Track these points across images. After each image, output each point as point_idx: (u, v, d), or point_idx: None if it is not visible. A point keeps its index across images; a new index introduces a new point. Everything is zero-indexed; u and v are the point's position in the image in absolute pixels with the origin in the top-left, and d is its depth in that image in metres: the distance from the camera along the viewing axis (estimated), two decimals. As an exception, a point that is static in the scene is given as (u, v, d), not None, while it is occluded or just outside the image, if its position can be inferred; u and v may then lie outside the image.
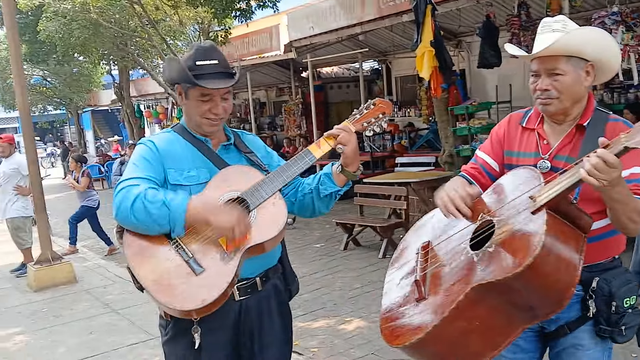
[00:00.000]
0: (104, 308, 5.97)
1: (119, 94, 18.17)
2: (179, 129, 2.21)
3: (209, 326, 2.04)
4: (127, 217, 1.92)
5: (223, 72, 2.09)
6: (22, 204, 7.50)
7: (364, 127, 2.17)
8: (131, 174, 2.02)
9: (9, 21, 7.05)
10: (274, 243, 2.05)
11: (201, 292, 1.87)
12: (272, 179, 2.06)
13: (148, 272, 1.91)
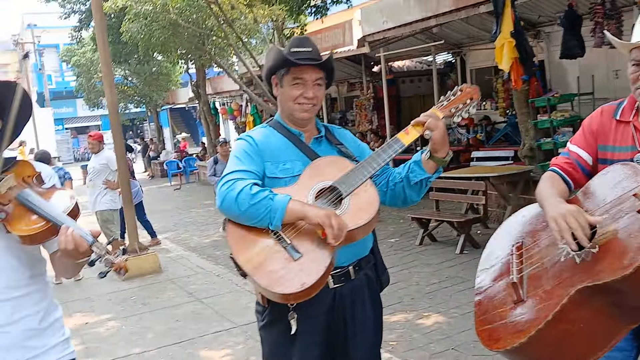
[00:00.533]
0: (188, 297, 6.22)
1: (196, 92, 18.72)
2: (274, 123, 2.31)
3: (304, 313, 2.10)
4: (230, 208, 2.02)
5: (315, 58, 2.19)
6: (111, 198, 7.91)
7: (451, 113, 2.18)
8: (235, 167, 2.12)
9: (99, 24, 7.45)
10: (365, 231, 2.09)
11: (300, 277, 1.94)
12: (363, 166, 2.11)
13: (249, 258, 2.00)
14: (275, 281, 1.95)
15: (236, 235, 2.06)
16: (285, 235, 2.01)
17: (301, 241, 2.01)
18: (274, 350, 2.24)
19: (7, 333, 1.80)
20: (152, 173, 23.51)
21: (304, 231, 2.02)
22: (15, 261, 1.83)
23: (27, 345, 1.84)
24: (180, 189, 18.25)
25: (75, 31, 21.28)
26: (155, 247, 8.56)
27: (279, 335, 2.17)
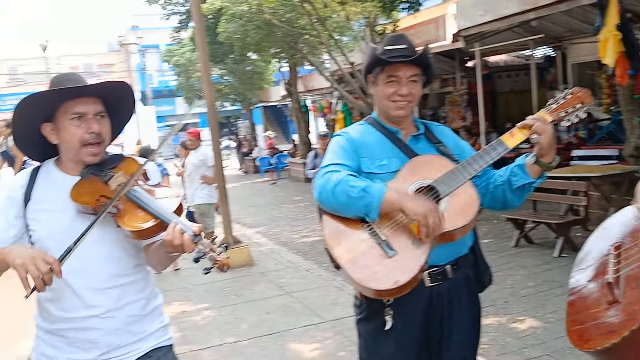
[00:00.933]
0: (278, 290, 6.36)
1: (288, 90, 19.07)
2: (371, 121, 2.32)
3: (400, 309, 2.10)
4: (328, 200, 2.05)
5: (410, 56, 2.16)
6: (207, 192, 8.22)
7: (560, 117, 2.09)
8: (331, 160, 2.16)
9: (197, 25, 7.76)
10: (463, 232, 2.06)
11: (394, 274, 1.95)
12: (463, 168, 2.07)
13: (343, 252, 2.02)
14: (369, 277, 1.96)
15: (331, 228, 2.08)
16: (380, 231, 2.02)
17: (396, 238, 2.00)
18: (369, 344, 2.26)
19: (114, 318, 1.92)
20: (246, 169, 24.20)
21: (399, 227, 2.01)
22: (122, 252, 1.95)
23: (130, 330, 1.96)
24: (275, 184, 18.67)
25: (176, 32, 22.30)
26: (247, 241, 8.81)
27: (374, 329, 2.18)
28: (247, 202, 14.89)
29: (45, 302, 1.94)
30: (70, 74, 1.98)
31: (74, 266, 1.85)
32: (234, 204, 13.65)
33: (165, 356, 2.05)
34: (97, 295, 1.90)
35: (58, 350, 1.93)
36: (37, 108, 1.88)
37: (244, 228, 10.76)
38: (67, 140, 1.91)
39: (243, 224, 11.38)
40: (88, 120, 1.89)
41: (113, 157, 2.01)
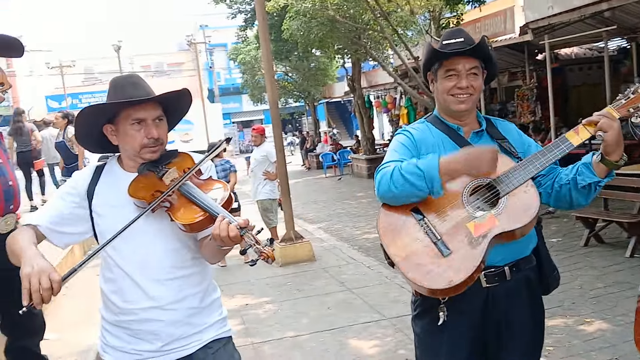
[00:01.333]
0: (339, 286, 6.39)
1: (351, 86, 19.05)
2: (432, 119, 2.29)
3: (454, 308, 2.08)
4: (387, 190, 2.03)
5: (469, 49, 2.13)
6: (270, 188, 8.35)
7: (629, 114, 2.00)
8: (390, 158, 2.16)
9: (261, 23, 7.88)
10: (523, 231, 2.01)
11: (448, 273, 1.93)
12: (525, 166, 2.02)
13: (399, 249, 2.02)
14: (423, 275, 1.96)
15: (387, 225, 2.09)
16: (435, 229, 2.00)
17: (452, 237, 1.98)
18: (424, 340, 2.25)
19: (174, 310, 1.99)
20: (309, 165, 24.39)
21: (456, 227, 1.99)
22: (179, 244, 2.02)
23: (190, 321, 2.03)
24: (341, 180, 18.70)
25: (241, 30, 22.70)
26: (309, 237, 8.88)
27: (428, 326, 2.17)
28: (310, 197, 15.01)
29: (109, 294, 2.03)
30: (130, 76, 2.07)
31: (135, 259, 1.94)
32: (296, 199, 13.83)
33: (224, 347, 2.11)
34: (158, 286, 1.98)
35: (123, 342, 2.02)
36: (99, 113, 2.00)
37: (306, 224, 10.86)
38: (127, 142, 2.01)
39: (305, 219, 11.49)
40: (148, 125, 1.98)
41: (168, 153, 2.09)
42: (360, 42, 14.32)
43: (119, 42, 33.77)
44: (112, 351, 2.05)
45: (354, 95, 19.43)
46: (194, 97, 6.11)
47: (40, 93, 35.62)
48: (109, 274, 2.03)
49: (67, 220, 2.01)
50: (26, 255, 1.79)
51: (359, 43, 14.36)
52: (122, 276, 1.99)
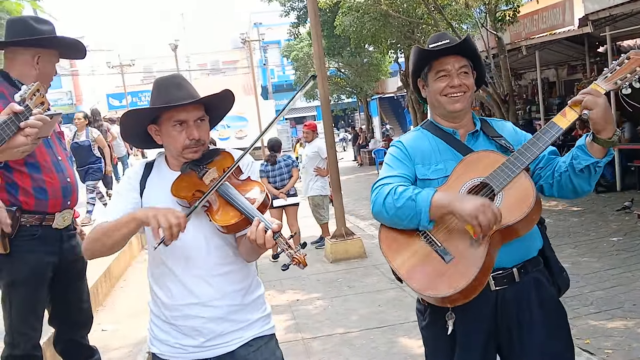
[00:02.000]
0: (390, 283, 6.34)
1: (404, 81, 18.85)
2: (427, 125, 2.26)
3: (463, 314, 2.04)
4: (380, 212, 2.05)
5: (456, 44, 2.11)
6: (321, 184, 8.37)
7: (617, 86, 1.92)
8: (385, 173, 2.15)
9: (313, 20, 7.89)
10: (525, 226, 1.96)
11: (451, 280, 1.91)
12: (516, 158, 1.97)
13: (402, 262, 2.02)
14: (427, 285, 1.94)
15: (388, 239, 2.09)
16: (435, 238, 1.98)
17: (452, 243, 1.96)
18: (434, 351, 2.22)
19: (216, 307, 2.01)
20: (361, 161, 24.31)
21: (455, 232, 1.96)
22: (221, 241, 2.05)
23: (232, 318, 2.04)
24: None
25: (294, 27, 22.82)
26: (360, 233, 8.85)
27: (439, 335, 2.12)
28: (361, 194, 14.95)
29: (156, 290, 2.08)
30: (173, 77, 2.09)
31: (179, 256, 1.98)
32: (348, 195, 13.83)
33: (266, 345, 2.11)
34: (201, 283, 2.00)
35: (169, 336, 2.06)
36: (142, 116, 2.05)
37: (357, 220, 10.83)
38: (170, 143, 2.06)
39: (357, 216, 11.46)
40: (189, 126, 2.01)
41: (211, 152, 2.11)
42: (413, 36, 14.15)
43: (176, 41, 34.51)
44: (159, 344, 2.09)
45: (407, 91, 19.23)
46: (247, 94, 6.20)
47: (102, 91, 36.88)
48: (156, 270, 2.08)
49: None
50: (136, 211, 1.92)
51: (412, 37, 14.18)
52: (167, 273, 2.03)
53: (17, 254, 2.55)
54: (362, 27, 13.18)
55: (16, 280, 2.59)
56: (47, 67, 2.73)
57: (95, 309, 4.75)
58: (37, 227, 2.62)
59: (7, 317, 2.64)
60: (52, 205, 2.65)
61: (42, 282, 2.68)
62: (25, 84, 2.62)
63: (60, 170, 2.70)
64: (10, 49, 2.70)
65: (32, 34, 2.63)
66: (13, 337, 2.64)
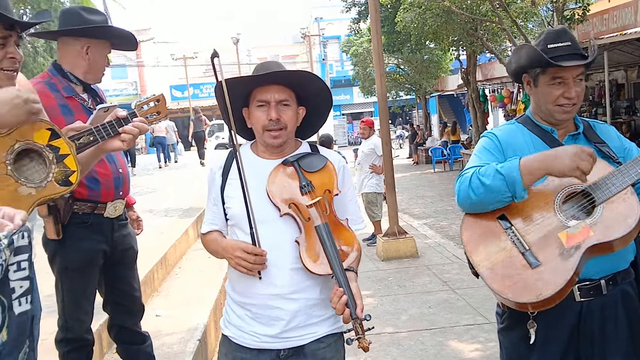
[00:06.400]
0: (442, 285, 6.25)
1: (465, 79, 18.50)
2: (523, 120, 2.17)
3: (545, 323, 1.96)
4: (466, 198, 1.97)
5: (576, 53, 1.98)
6: (376, 181, 8.33)
7: None
8: (471, 163, 2.07)
9: (373, 15, 7.84)
10: (622, 243, 1.85)
11: (537, 286, 1.82)
12: (624, 171, 1.85)
13: (483, 259, 1.94)
14: (509, 287, 1.86)
15: (471, 233, 2.00)
16: (523, 239, 1.89)
17: (542, 248, 1.86)
18: (511, 356, 2.14)
19: (294, 300, 2.01)
20: (417, 159, 24.05)
21: (545, 235, 1.87)
22: None
23: (308, 312, 2.03)
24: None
25: (354, 23, 22.76)
26: (414, 232, 8.75)
27: (517, 341, 2.06)
28: (416, 192, 14.80)
29: (236, 275, 2.08)
30: (270, 62, 2.10)
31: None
32: (402, 194, 13.73)
33: (335, 343, 2.09)
34: (282, 274, 2.00)
35: (243, 322, 2.07)
36: (234, 94, 2.03)
37: (411, 219, 10.73)
38: (253, 124, 2.07)
39: (411, 214, 11.34)
40: (270, 107, 2.02)
41: (317, 157, 2.11)
42: (476, 34, 13.86)
43: (238, 34, 35.02)
44: (233, 328, 2.11)
45: (468, 89, 18.86)
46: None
47: (165, 83, 37.87)
48: None
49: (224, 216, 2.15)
50: (222, 252, 2.07)
51: (475, 35, 13.90)
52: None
53: (70, 241, 2.62)
54: (424, 23, 13.00)
55: (69, 266, 2.66)
56: (97, 58, 2.72)
57: (151, 295, 4.88)
58: (88, 215, 2.67)
59: (60, 302, 2.72)
60: (104, 195, 2.71)
61: (93, 269, 2.74)
62: (76, 75, 2.70)
63: (112, 161, 2.76)
64: (62, 40, 2.71)
65: (82, 23, 2.63)
66: (66, 321, 2.72)
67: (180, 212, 7.96)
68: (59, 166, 1.92)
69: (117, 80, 36.38)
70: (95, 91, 2.83)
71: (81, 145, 2.05)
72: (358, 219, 2.19)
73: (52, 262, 2.72)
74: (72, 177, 1.95)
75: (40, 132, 1.90)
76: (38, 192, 1.86)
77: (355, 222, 2.14)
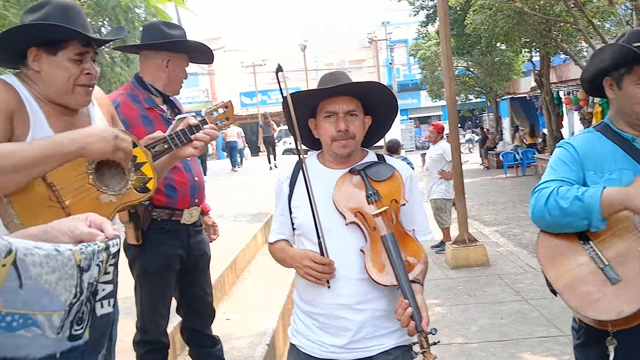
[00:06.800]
0: (514, 295, 6.05)
1: (539, 81, 17.93)
2: (601, 127, 2.05)
3: (626, 341, 1.85)
4: (541, 217, 1.92)
5: None
6: (445, 187, 8.17)
7: None
8: (548, 177, 2.00)
9: (442, 18, 7.72)
10: None
11: (617, 303, 1.74)
12: None
13: (560, 275, 1.87)
14: (588, 304, 1.78)
15: (547, 249, 1.93)
16: (602, 254, 1.81)
17: (622, 264, 1.78)
18: None
19: (362, 311, 2.00)
20: (488, 164, 23.47)
21: (625, 251, 1.78)
22: None
23: (375, 324, 2.02)
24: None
25: (422, 26, 22.54)
26: (485, 240, 8.53)
27: (595, 358, 1.96)
28: (487, 198, 14.44)
29: (303, 284, 2.09)
30: (336, 73, 2.12)
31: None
32: (472, 199, 13.42)
33: (403, 355, 2.06)
34: (349, 285, 1.99)
35: (311, 331, 2.08)
36: (302, 105, 2.06)
37: (481, 226, 10.46)
38: (321, 135, 2.09)
39: (481, 221, 11.07)
40: (338, 118, 2.02)
41: (378, 165, 2.10)
42: (550, 34, 13.42)
43: (305, 41, 35.38)
44: (301, 337, 2.11)
45: (542, 91, 18.27)
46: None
47: (235, 90, 38.74)
48: None
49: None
50: (289, 260, 2.09)
51: (549, 36, 13.46)
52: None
53: (149, 246, 2.72)
54: (495, 25, 12.72)
55: (148, 270, 2.76)
56: (176, 71, 2.83)
57: (221, 298, 4.98)
58: (166, 221, 2.77)
59: (139, 305, 2.83)
60: (181, 203, 2.79)
61: (170, 273, 2.83)
62: (156, 87, 2.81)
63: (189, 170, 2.84)
64: (144, 53, 2.85)
65: (163, 38, 2.74)
66: (144, 323, 2.82)
67: (249, 217, 8.09)
68: (137, 174, 1.99)
69: (189, 88, 37.52)
70: (174, 103, 2.93)
71: (157, 153, 2.12)
72: (425, 229, 2.15)
73: (131, 266, 2.83)
74: (150, 183, 2.01)
75: None
76: (118, 199, 1.93)
77: (422, 233, 2.11)
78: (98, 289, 1.19)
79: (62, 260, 1.04)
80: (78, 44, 1.90)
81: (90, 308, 1.17)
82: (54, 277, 1.02)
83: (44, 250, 1.00)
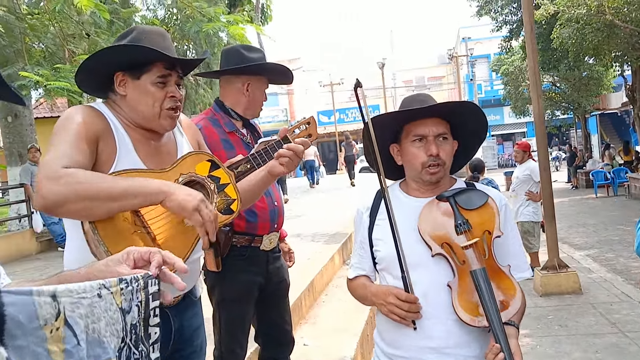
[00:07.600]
0: (610, 327, 5.62)
1: (631, 96, 17.00)
2: None
3: None
4: None
5: None
6: (533, 209, 7.77)
7: None
8: None
9: (528, 33, 7.41)
10: None
11: None
12: None
13: None
14: None
15: None
16: None
17: None
18: None
19: (453, 356, 1.82)
20: (576, 183, 22.36)
21: None
22: None
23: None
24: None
25: (505, 41, 21.95)
26: (576, 266, 8.04)
27: None
28: (576, 220, 13.69)
29: (384, 322, 1.94)
30: (419, 95, 2.00)
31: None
32: (560, 221, 12.71)
33: None
34: (438, 325, 1.81)
35: None
36: (382, 129, 1.94)
37: (571, 250, 9.89)
38: (408, 161, 1.94)
39: (570, 244, 10.48)
40: (428, 142, 1.88)
41: (475, 193, 1.93)
42: (643, 47, 12.68)
43: (383, 59, 35.32)
44: None
45: (634, 107, 17.30)
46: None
47: (314, 108, 39.21)
48: None
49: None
50: (373, 291, 1.94)
51: (643, 49, 12.72)
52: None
53: (229, 273, 2.67)
54: (583, 39, 12.16)
55: (227, 297, 2.72)
56: (256, 94, 2.81)
57: (299, 322, 4.91)
58: (246, 247, 2.72)
59: (217, 333, 2.78)
60: (261, 228, 2.75)
61: (249, 301, 2.77)
62: (237, 111, 2.79)
63: (268, 194, 2.79)
64: (224, 78, 2.83)
65: (242, 62, 2.72)
66: (222, 352, 2.77)
67: (326, 237, 8.02)
68: (221, 195, 1.93)
69: (269, 107, 38.34)
70: (254, 126, 2.91)
71: (239, 173, 2.07)
72: (523, 265, 1.96)
73: (210, 294, 2.79)
74: (233, 205, 1.96)
75: (202, 164, 1.94)
76: None
77: (520, 269, 1.91)
78: (151, 333, 1.16)
79: (104, 306, 1.03)
80: (161, 67, 1.88)
81: (145, 354, 1.14)
82: (102, 324, 1.02)
83: (88, 298, 1.00)
